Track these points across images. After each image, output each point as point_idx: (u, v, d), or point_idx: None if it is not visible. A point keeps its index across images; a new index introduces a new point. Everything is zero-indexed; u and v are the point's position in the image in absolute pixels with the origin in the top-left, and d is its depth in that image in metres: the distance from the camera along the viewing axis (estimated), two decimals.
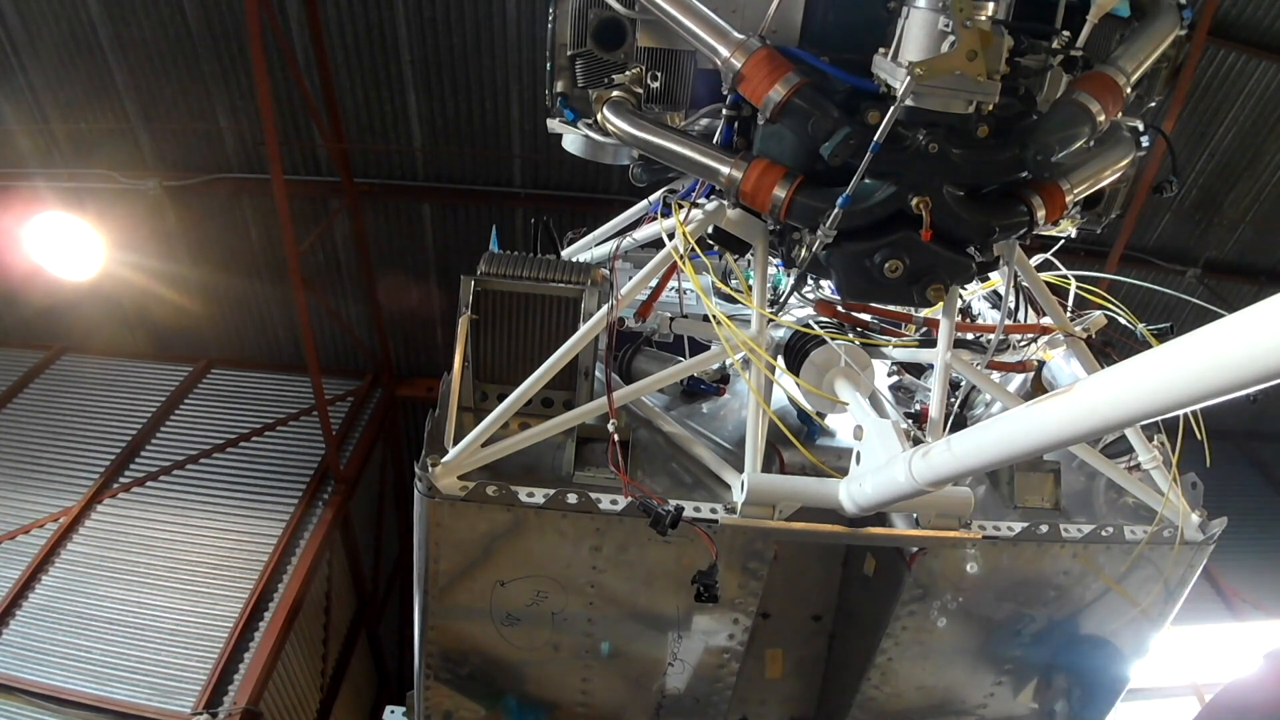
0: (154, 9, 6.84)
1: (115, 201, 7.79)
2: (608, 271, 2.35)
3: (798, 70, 1.98)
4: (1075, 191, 2.23)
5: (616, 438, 2.14)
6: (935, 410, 2.33)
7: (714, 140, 2.26)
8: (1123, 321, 2.62)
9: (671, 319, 2.66)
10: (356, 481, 8.50)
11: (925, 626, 2.54)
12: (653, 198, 3.03)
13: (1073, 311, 2.64)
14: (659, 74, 2.20)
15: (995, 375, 2.60)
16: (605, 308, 2.27)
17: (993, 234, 2.15)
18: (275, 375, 9.01)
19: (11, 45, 6.96)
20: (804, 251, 2.13)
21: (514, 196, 8.12)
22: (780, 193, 2.05)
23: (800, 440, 2.44)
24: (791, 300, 2.70)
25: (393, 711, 6.16)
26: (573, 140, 2.55)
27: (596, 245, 3.26)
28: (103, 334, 9.00)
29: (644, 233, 2.86)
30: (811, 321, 2.57)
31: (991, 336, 2.51)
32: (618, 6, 2.09)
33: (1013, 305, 2.66)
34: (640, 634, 2.48)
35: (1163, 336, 2.47)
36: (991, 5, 1.82)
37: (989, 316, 2.95)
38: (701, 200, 2.45)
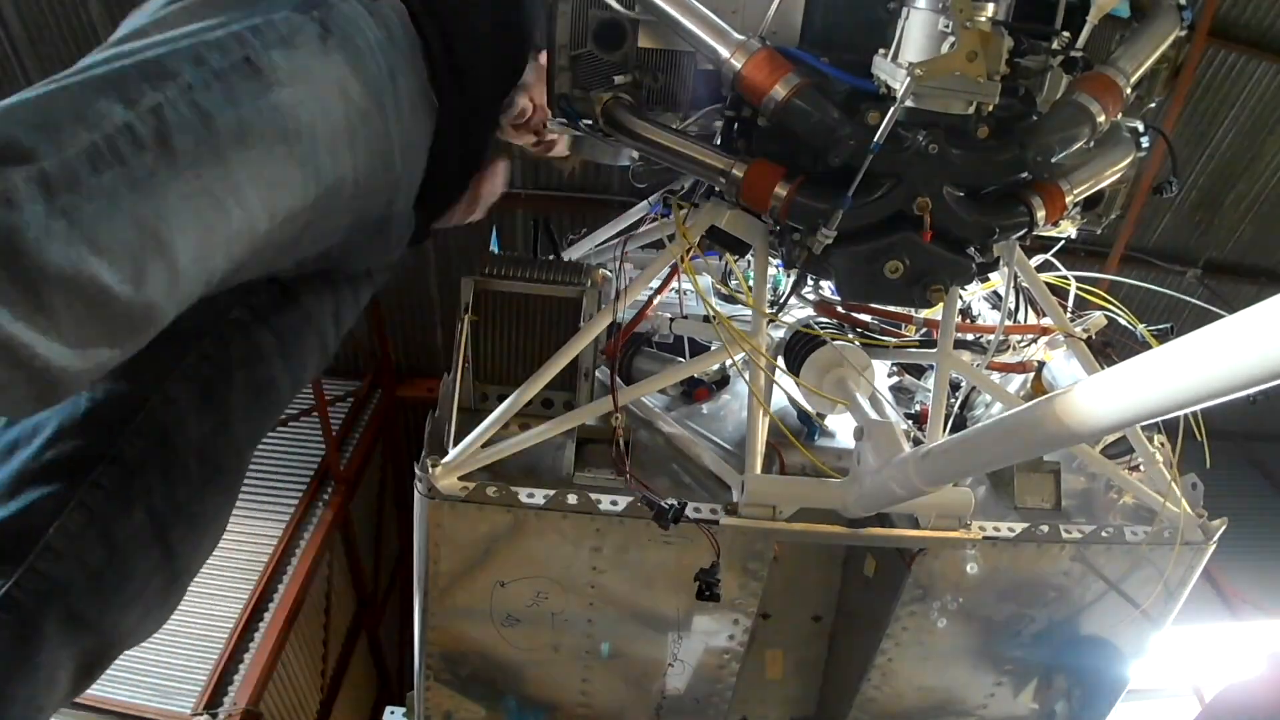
0: None
1: None
2: (608, 272, 2.36)
3: (798, 71, 1.98)
4: (1075, 192, 2.23)
5: (621, 434, 2.15)
6: (935, 410, 2.34)
7: (714, 141, 2.26)
8: (1123, 322, 2.62)
9: (671, 320, 2.67)
10: (356, 482, 8.50)
11: (925, 627, 2.54)
12: (653, 198, 3.03)
13: (1073, 312, 2.64)
14: (659, 75, 2.20)
15: (995, 376, 2.60)
16: (605, 308, 2.27)
17: (993, 235, 2.15)
18: None
19: (11, 45, 6.96)
20: (804, 252, 2.13)
21: (514, 197, 8.11)
22: (780, 193, 2.05)
23: (800, 441, 2.44)
24: (791, 301, 2.70)
25: (393, 712, 6.18)
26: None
27: (597, 246, 3.26)
28: None
29: (644, 233, 2.86)
30: (811, 322, 2.57)
31: (991, 337, 2.51)
32: (618, 7, 2.09)
33: (1012, 306, 2.66)
34: (640, 635, 2.48)
35: (1163, 337, 2.46)
36: (991, 6, 1.82)
37: (989, 317, 2.95)
38: (701, 201, 2.45)
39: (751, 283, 2.42)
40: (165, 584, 1.65)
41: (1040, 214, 2.17)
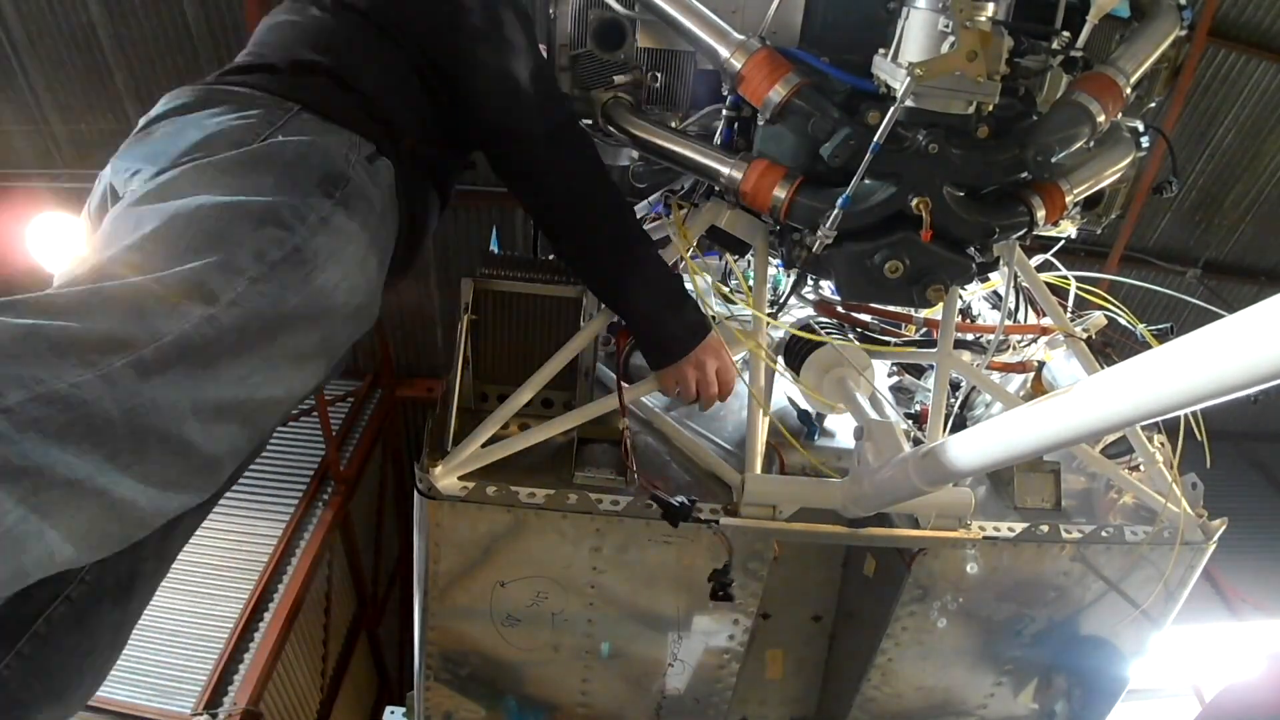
0: (154, 9, 6.83)
1: None
2: None
3: (798, 71, 1.99)
4: (1075, 192, 2.24)
5: (628, 433, 2.16)
6: (935, 410, 2.34)
7: (714, 141, 2.26)
8: (1123, 322, 2.62)
9: None
10: (356, 482, 8.49)
11: (925, 627, 2.54)
12: (653, 198, 3.03)
13: (1073, 312, 2.64)
14: (659, 74, 2.20)
15: (995, 376, 2.60)
16: (605, 309, 2.27)
17: (993, 234, 2.15)
18: None
19: (11, 45, 6.95)
20: (804, 252, 2.13)
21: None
22: (780, 193, 2.06)
23: (800, 441, 2.44)
24: (791, 300, 2.70)
25: (393, 712, 6.18)
26: None
27: None
28: None
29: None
30: (811, 322, 2.57)
31: (991, 337, 2.51)
32: (618, 7, 2.09)
33: (1012, 306, 2.66)
34: (640, 634, 2.48)
35: (1163, 337, 2.47)
36: (991, 6, 1.82)
37: (989, 317, 2.95)
38: (701, 201, 2.45)
39: (751, 283, 2.42)
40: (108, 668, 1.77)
41: (1040, 214, 2.17)
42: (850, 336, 2.50)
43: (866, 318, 2.62)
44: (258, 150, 1.65)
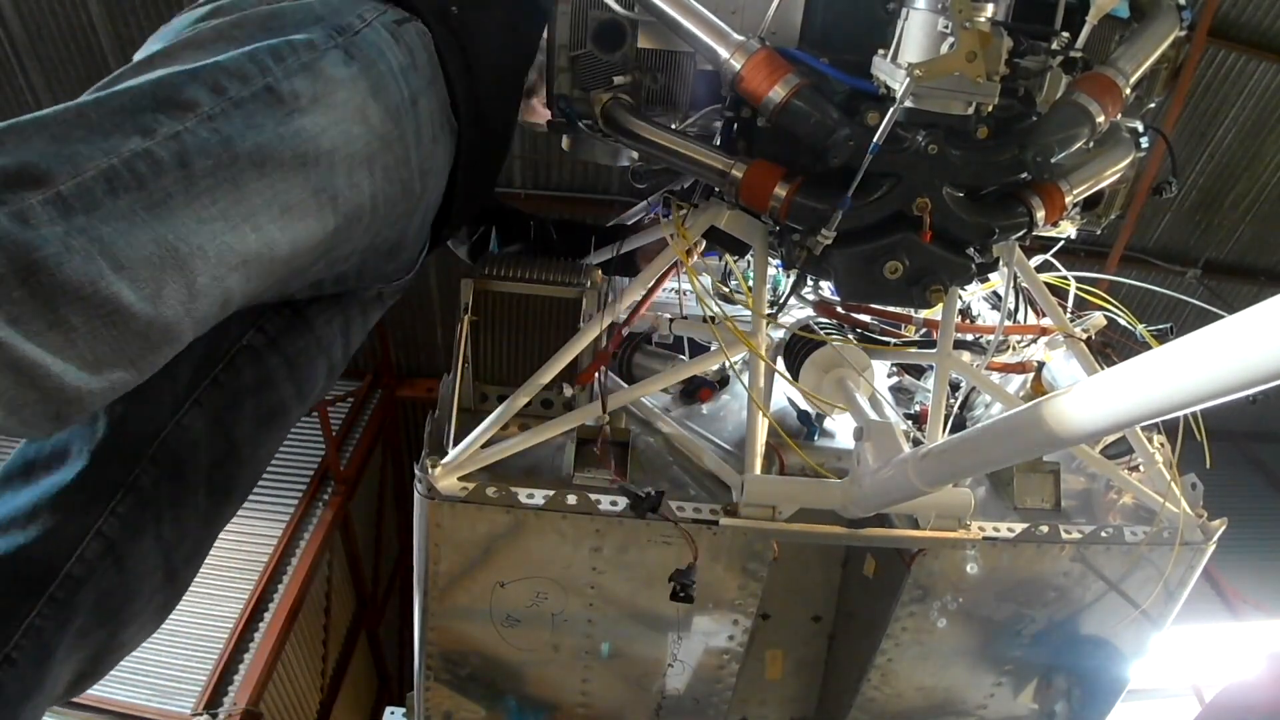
0: (154, 9, 6.84)
1: None
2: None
3: (797, 71, 1.98)
4: (1075, 192, 2.24)
5: (609, 430, 2.16)
6: (935, 411, 2.34)
7: (714, 141, 2.26)
8: (1122, 322, 2.62)
9: (671, 320, 2.66)
10: (356, 482, 8.50)
11: (925, 627, 2.54)
12: (652, 199, 3.03)
13: (1072, 312, 2.64)
14: (659, 75, 2.20)
15: (995, 376, 2.60)
16: (605, 309, 2.27)
17: (992, 235, 2.15)
18: None
19: (11, 45, 6.95)
20: (803, 252, 2.13)
21: (514, 197, 8.12)
22: (780, 193, 2.05)
23: (800, 441, 2.44)
24: (791, 301, 2.70)
25: (393, 712, 6.18)
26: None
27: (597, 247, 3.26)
28: None
29: (643, 234, 2.86)
30: (811, 323, 2.57)
31: (991, 337, 2.51)
32: (617, 8, 2.09)
33: (1012, 306, 2.66)
34: (640, 635, 2.48)
35: (1163, 337, 2.47)
36: (991, 6, 1.82)
37: (989, 317, 2.95)
38: (701, 201, 2.45)
39: (751, 283, 2.42)
40: (164, 601, 1.71)
41: (1040, 214, 2.17)
42: (850, 337, 2.50)
43: (866, 318, 2.62)
44: (257, 12, 1.54)
